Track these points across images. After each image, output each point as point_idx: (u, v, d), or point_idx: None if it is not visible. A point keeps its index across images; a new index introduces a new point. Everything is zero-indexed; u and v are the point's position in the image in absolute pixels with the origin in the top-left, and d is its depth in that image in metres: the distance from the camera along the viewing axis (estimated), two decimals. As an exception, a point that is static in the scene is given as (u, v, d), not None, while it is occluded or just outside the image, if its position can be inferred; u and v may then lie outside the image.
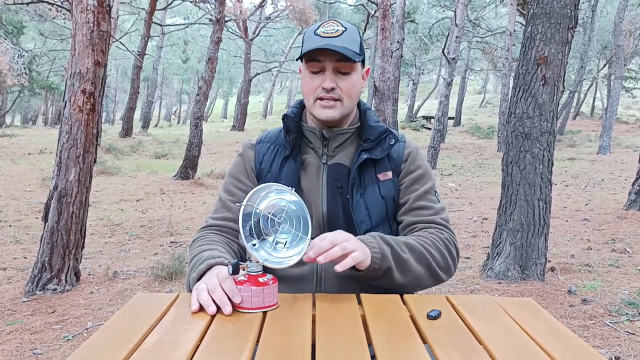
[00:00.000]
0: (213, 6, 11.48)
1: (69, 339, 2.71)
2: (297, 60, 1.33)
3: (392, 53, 9.23)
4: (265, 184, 1.10)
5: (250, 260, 1.04)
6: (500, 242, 3.73)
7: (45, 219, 3.40)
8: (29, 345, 2.63)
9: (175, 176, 9.11)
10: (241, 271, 1.04)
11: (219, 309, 1.00)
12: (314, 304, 1.07)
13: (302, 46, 1.29)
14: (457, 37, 10.42)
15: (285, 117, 1.35)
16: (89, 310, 3.11)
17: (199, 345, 0.87)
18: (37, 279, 3.35)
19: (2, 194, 7.27)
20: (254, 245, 1.03)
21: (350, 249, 1.07)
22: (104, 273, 3.81)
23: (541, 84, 3.60)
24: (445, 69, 10.72)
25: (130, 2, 18.26)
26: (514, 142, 3.71)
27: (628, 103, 29.74)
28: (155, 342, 0.88)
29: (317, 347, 0.87)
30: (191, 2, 19.35)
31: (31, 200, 6.83)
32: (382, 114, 8.56)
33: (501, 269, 3.65)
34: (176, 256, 3.91)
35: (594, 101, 29.53)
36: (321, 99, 1.27)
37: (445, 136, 16.37)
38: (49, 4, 11.92)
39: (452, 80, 10.73)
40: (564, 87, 3.90)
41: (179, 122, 39.69)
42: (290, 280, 1.25)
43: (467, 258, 4.30)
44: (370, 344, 0.89)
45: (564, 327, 0.99)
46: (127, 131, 16.54)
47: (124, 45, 16.21)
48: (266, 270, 1.06)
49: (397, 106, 13.05)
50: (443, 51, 10.64)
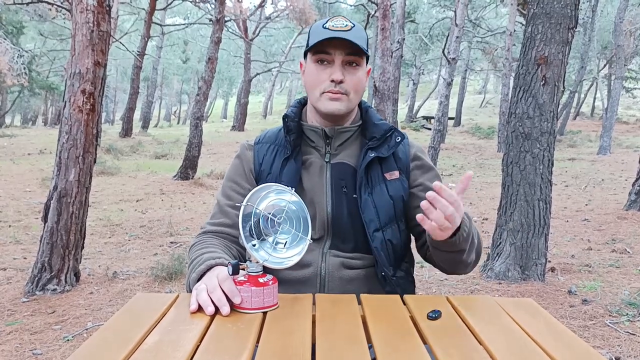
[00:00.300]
0: (213, 6, 11.49)
1: (68, 340, 2.71)
2: (306, 52, 1.29)
3: (392, 53, 9.23)
4: (265, 184, 1.10)
5: (250, 261, 1.04)
6: (501, 243, 3.73)
7: (45, 219, 3.40)
8: (28, 345, 2.63)
9: (175, 176, 9.11)
10: (241, 271, 1.03)
11: (217, 309, 1.00)
12: (314, 304, 1.07)
13: (308, 39, 1.27)
14: (457, 37, 10.41)
15: (285, 117, 1.33)
16: (88, 311, 3.11)
17: (198, 346, 0.87)
18: (36, 279, 3.35)
19: (2, 194, 7.27)
20: (254, 245, 1.02)
21: (445, 226, 1.03)
22: (103, 273, 3.81)
23: (541, 84, 3.60)
24: (446, 69, 10.72)
25: (130, 2, 18.26)
26: (514, 143, 3.71)
27: (628, 103, 29.73)
28: (155, 342, 0.88)
29: (317, 348, 0.87)
30: (191, 2, 19.35)
31: (31, 201, 6.83)
32: (382, 114, 8.55)
33: (501, 269, 3.65)
34: (176, 256, 3.91)
35: (594, 101, 29.52)
36: (329, 91, 1.25)
37: (446, 136, 16.36)
38: (49, 4, 11.92)
39: (452, 81, 10.72)
40: (564, 87, 3.89)
41: (178, 122, 39.69)
42: (293, 283, 1.24)
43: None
44: (370, 344, 0.89)
45: (564, 328, 0.99)
46: (127, 131, 16.55)
47: (123, 45, 16.19)
48: (266, 270, 1.05)
49: (397, 106, 13.04)
50: (443, 51, 10.63)
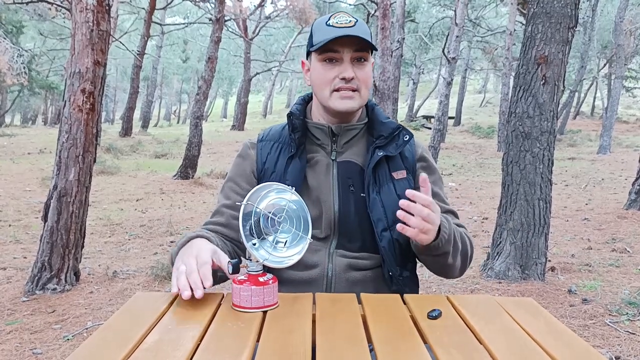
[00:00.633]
0: (213, 5, 11.48)
1: (68, 339, 2.71)
2: (310, 51, 1.26)
3: (392, 52, 9.22)
4: (266, 183, 1.09)
5: (251, 260, 1.03)
6: (501, 242, 3.73)
7: (45, 218, 3.39)
8: (28, 344, 2.63)
9: (175, 176, 9.11)
10: (242, 269, 1.03)
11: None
12: (314, 304, 1.07)
13: (312, 38, 1.25)
14: (457, 36, 10.41)
15: (290, 115, 1.31)
16: (88, 310, 3.11)
17: (199, 345, 0.87)
18: (36, 278, 3.35)
19: (2, 193, 7.27)
20: (254, 244, 1.02)
21: (427, 228, 1.07)
22: (103, 273, 3.81)
23: (541, 83, 3.60)
24: (446, 68, 10.72)
25: (130, 2, 18.25)
26: (514, 142, 3.70)
27: (628, 102, 29.72)
28: (155, 341, 0.88)
29: (317, 347, 0.86)
30: (191, 1, 19.34)
31: (31, 200, 6.83)
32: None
33: (501, 268, 3.65)
34: (176, 256, 3.91)
35: (594, 101, 29.52)
36: (339, 89, 1.23)
37: (446, 136, 16.35)
38: (49, 3, 11.90)
39: (452, 80, 10.72)
40: (564, 86, 3.89)
41: (178, 122, 39.68)
42: (299, 284, 1.23)
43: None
44: (370, 343, 0.89)
45: (564, 327, 0.99)
46: (126, 131, 16.55)
47: (123, 44, 16.20)
48: (266, 269, 1.05)
49: (397, 106, 13.03)
50: (443, 50, 10.63)
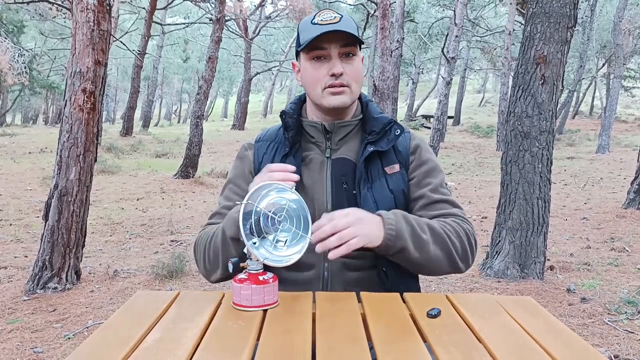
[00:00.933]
0: (213, 5, 11.47)
1: (69, 338, 2.71)
2: (298, 51, 1.27)
3: (391, 52, 9.22)
4: (266, 182, 1.09)
5: (251, 259, 1.04)
6: (500, 241, 3.73)
7: (46, 217, 3.40)
8: (29, 343, 2.63)
9: (175, 175, 9.11)
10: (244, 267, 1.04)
11: None
12: (314, 302, 1.07)
13: (299, 38, 1.25)
14: (456, 36, 10.41)
15: (283, 114, 1.31)
16: (89, 309, 3.11)
17: (199, 344, 0.87)
18: (37, 277, 3.35)
19: (3, 192, 7.28)
20: (255, 243, 1.03)
21: (348, 236, 1.05)
22: (104, 272, 3.81)
23: (540, 83, 3.60)
24: (445, 68, 10.71)
25: (131, 2, 18.24)
26: (513, 141, 3.71)
27: (627, 102, 29.71)
28: (156, 340, 0.89)
29: (317, 346, 0.87)
30: (191, 1, 19.32)
31: (32, 199, 6.84)
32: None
33: (500, 267, 3.66)
34: (176, 255, 3.92)
35: (593, 100, 29.51)
36: (330, 86, 1.23)
37: (445, 135, 16.37)
38: (50, 3, 11.90)
39: (451, 80, 10.73)
40: (563, 86, 3.89)
41: (179, 121, 39.66)
42: (296, 285, 1.22)
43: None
44: (370, 342, 0.89)
45: (563, 326, 0.99)
46: (127, 130, 16.53)
47: (124, 44, 16.19)
48: (267, 268, 1.06)
49: (396, 105, 13.01)
50: (442, 50, 10.64)
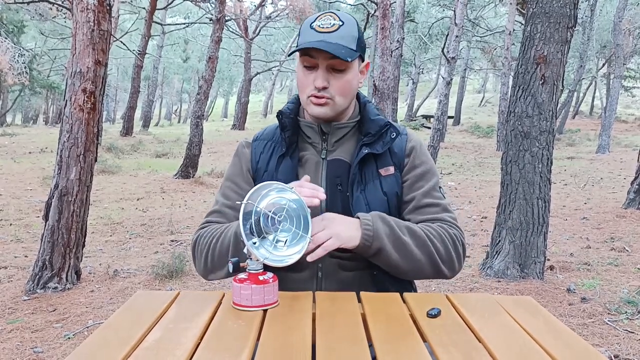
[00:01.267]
0: (213, 5, 11.48)
1: (69, 338, 2.71)
2: (290, 54, 1.27)
3: (391, 52, 9.22)
4: (266, 182, 1.09)
5: (251, 259, 1.04)
6: (500, 241, 3.73)
7: (46, 217, 3.40)
8: (29, 343, 2.63)
9: (175, 175, 9.11)
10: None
11: None
12: (314, 302, 1.07)
13: (298, 38, 1.25)
14: (456, 36, 10.40)
15: (280, 114, 1.31)
16: (89, 309, 3.11)
17: (199, 343, 0.87)
18: (37, 277, 3.35)
19: (3, 192, 7.28)
20: (255, 243, 1.03)
21: (324, 238, 1.10)
22: (104, 271, 3.81)
23: (540, 83, 3.60)
24: (445, 68, 10.71)
25: (131, 2, 18.24)
26: (513, 141, 3.71)
27: (627, 102, 29.70)
28: (156, 340, 0.89)
29: (317, 346, 0.87)
30: (191, 1, 19.32)
31: (32, 199, 6.84)
32: (382, 113, 8.53)
33: (500, 267, 3.66)
34: (177, 255, 3.92)
35: (593, 100, 29.51)
36: (313, 96, 1.23)
37: (445, 135, 16.37)
38: (50, 3, 11.91)
39: (451, 80, 10.71)
40: (563, 86, 3.90)
41: (179, 121, 39.67)
42: (291, 285, 1.22)
43: (466, 257, 4.30)
44: (370, 342, 0.89)
45: (563, 326, 0.99)
46: (127, 130, 16.53)
47: (124, 44, 16.21)
48: (267, 268, 1.06)
49: (396, 105, 13.03)
50: (442, 50, 10.63)
